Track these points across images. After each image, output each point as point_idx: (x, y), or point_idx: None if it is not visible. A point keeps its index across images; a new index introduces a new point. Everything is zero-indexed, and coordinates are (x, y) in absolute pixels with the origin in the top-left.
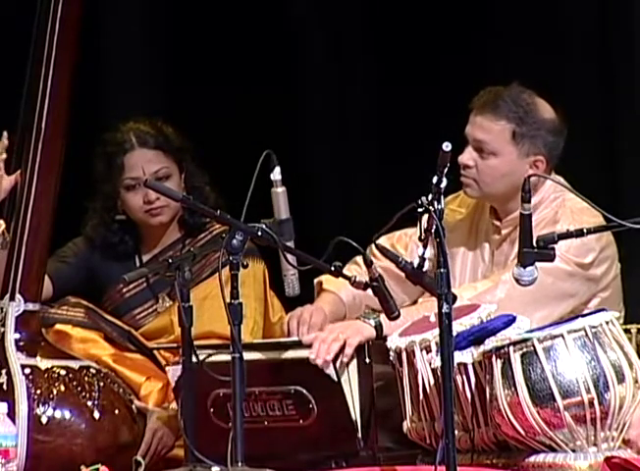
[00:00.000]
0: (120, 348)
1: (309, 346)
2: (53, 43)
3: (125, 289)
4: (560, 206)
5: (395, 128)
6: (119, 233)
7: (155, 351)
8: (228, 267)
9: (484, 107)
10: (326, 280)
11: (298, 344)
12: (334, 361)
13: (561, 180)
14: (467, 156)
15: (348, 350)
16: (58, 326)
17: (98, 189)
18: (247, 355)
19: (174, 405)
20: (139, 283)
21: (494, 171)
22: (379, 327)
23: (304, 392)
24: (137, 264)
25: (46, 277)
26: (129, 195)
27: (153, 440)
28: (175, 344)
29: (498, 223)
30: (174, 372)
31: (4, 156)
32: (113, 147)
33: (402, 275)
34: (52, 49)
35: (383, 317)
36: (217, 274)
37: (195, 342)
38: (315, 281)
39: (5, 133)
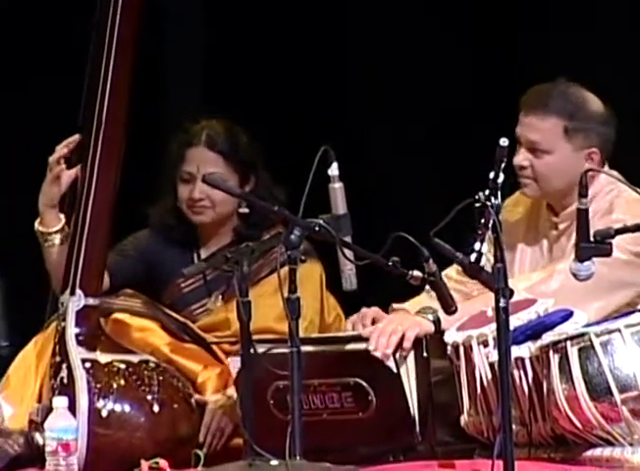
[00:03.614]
0: (176, 338)
1: (367, 340)
2: (113, 41)
3: (183, 285)
4: (615, 197)
5: (456, 124)
6: (177, 218)
7: (213, 345)
8: (286, 264)
9: (533, 106)
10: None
11: (357, 338)
12: (393, 353)
13: (616, 173)
14: (521, 157)
15: (407, 344)
16: (116, 315)
17: (165, 174)
18: (307, 348)
19: (231, 392)
20: (196, 279)
21: (550, 169)
22: (437, 322)
23: (363, 383)
24: (196, 261)
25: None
26: (181, 187)
27: (212, 422)
28: (233, 338)
29: (555, 218)
30: (235, 363)
31: (65, 150)
32: (185, 137)
33: None
34: (112, 47)
35: (441, 312)
36: (274, 273)
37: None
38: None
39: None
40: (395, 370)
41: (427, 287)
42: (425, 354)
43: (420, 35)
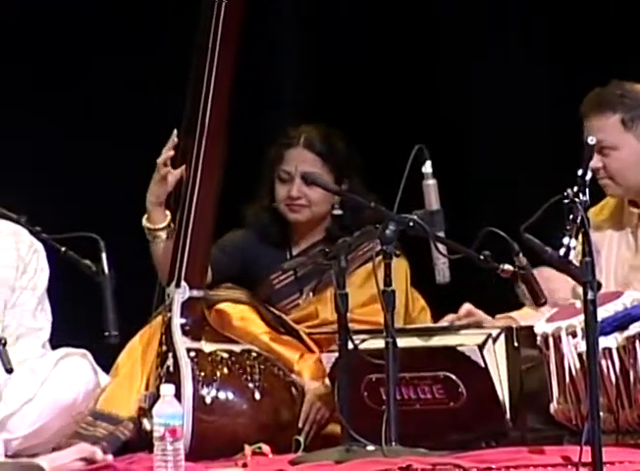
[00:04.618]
0: (273, 329)
1: (457, 333)
2: (215, 48)
3: (275, 281)
4: None
5: (544, 123)
6: (272, 217)
7: (305, 336)
8: (374, 257)
9: (590, 109)
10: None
11: (447, 329)
12: (481, 348)
13: None
14: (594, 160)
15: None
16: (219, 306)
17: (263, 175)
18: (399, 342)
19: (328, 381)
20: (288, 275)
21: (622, 164)
22: None
23: (453, 377)
24: (288, 257)
25: None
26: (278, 186)
27: (311, 410)
28: (330, 329)
29: (635, 209)
30: (328, 359)
31: (171, 153)
32: (284, 139)
33: None
34: (214, 54)
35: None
36: (361, 267)
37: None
38: None
39: (175, 132)
40: (482, 364)
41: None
42: (516, 344)
43: (509, 37)
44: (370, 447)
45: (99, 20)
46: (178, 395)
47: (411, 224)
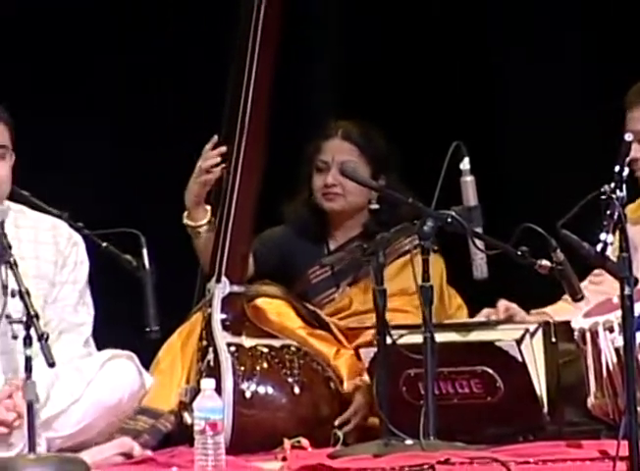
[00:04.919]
0: (308, 324)
1: (494, 329)
2: (255, 51)
3: (312, 276)
4: None
5: (582, 119)
6: (310, 211)
7: (335, 330)
8: (412, 252)
9: (635, 100)
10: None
11: (485, 324)
12: (519, 343)
13: None
14: (633, 150)
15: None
16: (257, 301)
17: (302, 170)
18: (437, 337)
19: (366, 377)
20: (325, 270)
21: None
22: None
23: (491, 371)
24: (326, 252)
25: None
26: (315, 177)
27: (356, 416)
28: (357, 320)
29: None
30: (366, 353)
31: (215, 160)
32: (322, 132)
33: None
34: (254, 57)
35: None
36: (395, 261)
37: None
38: None
39: (215, 137)
40: (520, 359)
41: (564, 296)
42: (553, 339)
43: (542, 34)
44: (408, 441)
45: (99, 20)
46: (218, 390)
47: (449, 220)
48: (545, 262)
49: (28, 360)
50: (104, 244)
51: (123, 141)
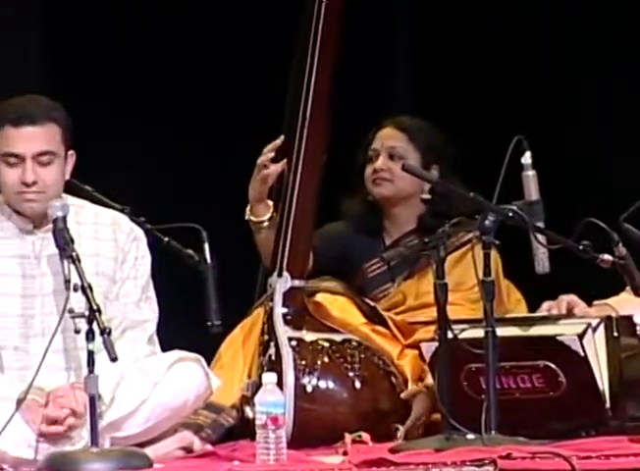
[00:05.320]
0: (369, 320)
1: (555, 323)
2: (316, 48)
3: (369, 269)
4: None
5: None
6: (366, 207)
7: (392, 325)
8: (473, 246)
9: None
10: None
11: (546, 319)
12: (581, 337)
13: None
14: None
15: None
16: (317, 297)
17: (358, 167)
18: (498, 331)
19: (428, 381)
20: (381, 265)
21: None
22: None
23: (553, 366)
24: (382, 247)
25: None
26: (367, 167)
27: (415, 425)
28: (430, 319)
29: None
30: (428, 348)
31: (271, 154)
32: (376, 125)
33: None
34: (314, 55)
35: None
36: (452, 254)
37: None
38: None
39: (282, 137)
40: (582, 354)
41: (627, 287)
42: (615, 334)
43: (605, 33)
44: (470, 436)
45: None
46: (279, 384)
47: (511, 214)
48: (607, 256)
49: (91, 354)
50: (166, 239)
51: (186, 137)
